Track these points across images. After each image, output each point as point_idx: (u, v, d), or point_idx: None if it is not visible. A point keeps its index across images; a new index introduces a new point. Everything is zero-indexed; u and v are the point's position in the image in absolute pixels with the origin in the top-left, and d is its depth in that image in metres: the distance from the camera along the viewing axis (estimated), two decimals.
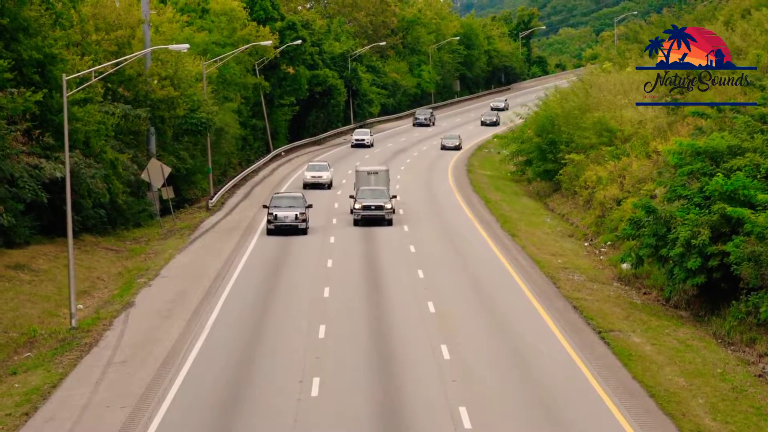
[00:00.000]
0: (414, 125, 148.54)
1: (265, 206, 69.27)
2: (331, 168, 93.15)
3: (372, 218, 70.38)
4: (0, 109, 58.00)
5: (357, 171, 79.29)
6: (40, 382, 39.14)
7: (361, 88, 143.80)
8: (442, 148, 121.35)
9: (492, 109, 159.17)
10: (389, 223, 70.44)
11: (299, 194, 70.02)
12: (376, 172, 77.92)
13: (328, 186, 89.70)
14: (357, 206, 70.73)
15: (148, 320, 48.00)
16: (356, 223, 70.74)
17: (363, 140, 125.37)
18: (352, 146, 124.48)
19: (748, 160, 50.14)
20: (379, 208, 70.39)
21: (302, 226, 67.22)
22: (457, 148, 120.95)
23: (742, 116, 54.55)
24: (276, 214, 67.22)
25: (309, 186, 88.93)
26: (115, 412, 35.52)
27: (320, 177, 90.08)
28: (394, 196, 73.84)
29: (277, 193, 71.63)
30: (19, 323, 48.21)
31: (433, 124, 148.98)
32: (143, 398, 36.69)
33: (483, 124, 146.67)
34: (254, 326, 46.26)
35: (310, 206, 68.63)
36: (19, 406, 36.56)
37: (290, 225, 66.93)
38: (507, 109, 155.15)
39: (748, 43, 78.37)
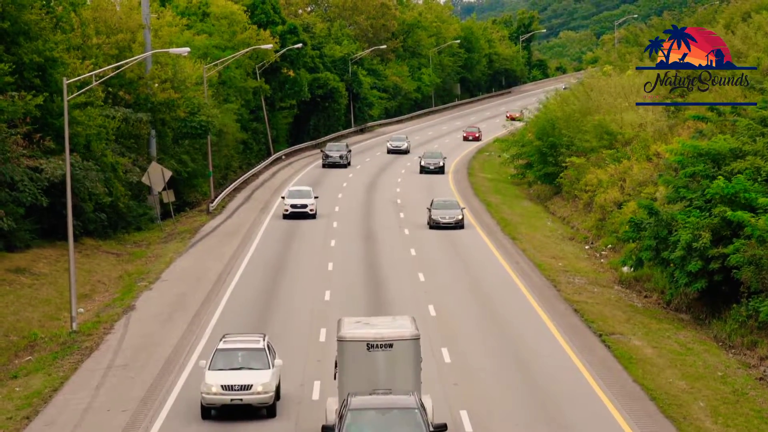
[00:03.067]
0: (324, 166, 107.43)
1: None
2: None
3: None
4: (0, 112, 58.00)
5: (341, 341, 32.48)
6: (41, 386, 39.13)
7: (362, 91, 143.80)
8: (432, 226, 71.04)
9: (389, 150, 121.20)
10: None
11: None
12: (389, 345, 32.19)
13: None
14: None
15: (148, 324, 48.00)
16: None
17: (304, 207, 75.86)
18: (285, 217, 75.61)
19: (749, 163, 50.15)
20: None
21: None
22: (459, 224, 70.77)
23: (743, 119, 54.56)
24: None
25: None
26: (115, 415, 35.51)
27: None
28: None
29: None
30: (20, 327, 48.20)
31: (349, 163, 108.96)
32: (144, 402, 36.69)
33: (424, 170, 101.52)
34: (255, 330, 46.23)
35: None
36: (19, 410, 36.56)
37: None
38: (409, 151, 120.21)
39: (749, 45, 78.36)
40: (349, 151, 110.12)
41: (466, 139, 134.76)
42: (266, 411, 34.89)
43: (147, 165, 75.16)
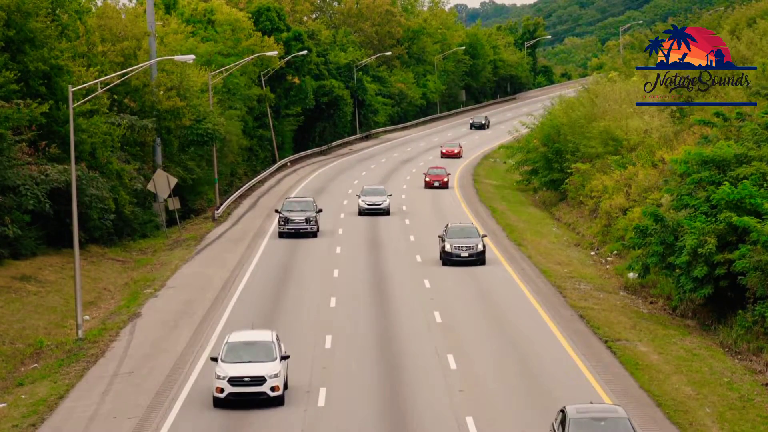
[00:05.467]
0: (282, 235, 70.61)
1: None
2: None
3: None
4: (6, 119, 58.09)
5: None
6: (47, 393, 39.15)
7: (367, 98, 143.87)
8: None
9: (363, 211, 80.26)
10: None
11: None
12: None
13: None
14: None
15: (154, 331, 48.02)
16: None
17: (259, 382, 36.62)
18: (216, 404, 36.87)
19: (754, 169, 50.10)
20: None
21: None
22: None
23: (748, 124, 54.54)
24: None
25: None
26: (121, 423, 35.53)
27: None
28: None
29: None
30: (26, 334, 48.24)
31: (318, 230, 71.32)
32: (150, 409, 36.70)
33: (451, 260, 60.42)
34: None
35: None
36: (25, 418, 36.58)
37: None
38: (389, 211, 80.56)
39: (754, 51, 78.33)
40: (319, 210, 72.73)
41: (430, 185, 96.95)
42: None
43: (152, 172, 75.23)
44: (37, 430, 35.32)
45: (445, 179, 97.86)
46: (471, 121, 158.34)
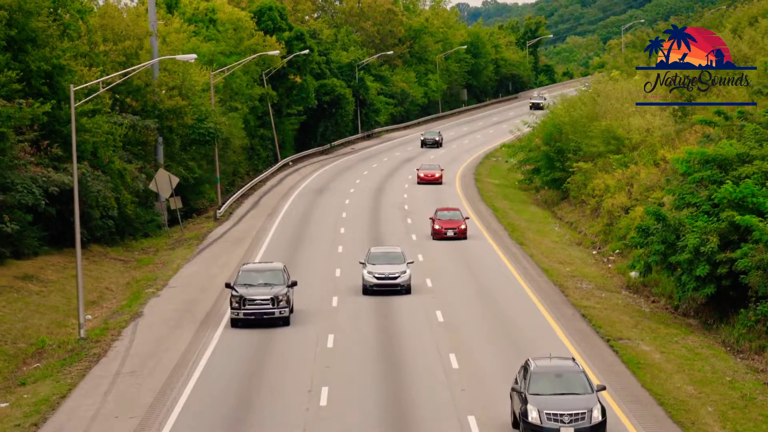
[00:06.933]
0: (236, 323, 47.69)
1: None
2: None
3: None
4: (8, 119, 58.11)
5: None
6: (49, 393, 39.17)
7: (369, 97, 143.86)
8: None
9: (369, 289, 54.02)
10: None
11: None
12: None
13: None
14: None
15: (156, 330, 48.04)
16: None
17: None
18: None
19: (756, 168, 50.11)
20: None
21: None
22: None
23: (750, 124, 54.54)
24: None
25: None
26: (123, 422, 35.55)
27: None
28: None
29: None
30: (28, 334, 48.26)
31: (289, 313, 48.02)
32: (152, 408, 36.72)
33: None
34: (263, 335, 46.26)
35: None
36: (28, 417, 36.60)
37: None
38: (409, 289, 54.00)
39: (756, 50, 78.34)
40: (293, 284, 49.37)
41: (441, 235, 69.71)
42: None
43: (154, 172, 75.24)
44: (40, 430, 35.35)
45: (463, 226, 69.75)
46: (422, 138, 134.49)
